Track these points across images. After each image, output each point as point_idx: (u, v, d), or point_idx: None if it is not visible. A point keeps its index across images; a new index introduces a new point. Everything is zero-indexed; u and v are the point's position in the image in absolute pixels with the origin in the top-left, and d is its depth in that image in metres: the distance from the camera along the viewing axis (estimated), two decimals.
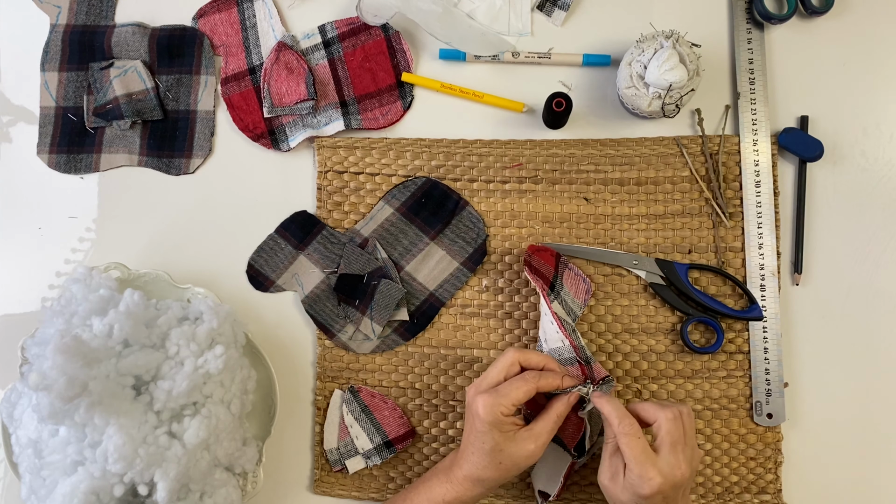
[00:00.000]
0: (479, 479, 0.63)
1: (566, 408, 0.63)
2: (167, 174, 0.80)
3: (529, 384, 0.62)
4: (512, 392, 0.62)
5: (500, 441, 0.61)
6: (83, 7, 0.82)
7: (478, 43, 0.78)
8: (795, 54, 0.78)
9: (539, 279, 0.71)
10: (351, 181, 0.78)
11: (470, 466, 0.63)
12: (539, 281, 0.71)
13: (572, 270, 0.74)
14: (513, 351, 0.65)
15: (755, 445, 0.74)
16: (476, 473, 0.63)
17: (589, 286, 0.74)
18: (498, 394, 0.62)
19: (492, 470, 0.62)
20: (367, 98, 0.79)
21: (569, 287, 0.73)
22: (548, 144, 0.77)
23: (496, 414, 0.61)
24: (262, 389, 0.74)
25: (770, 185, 0.75)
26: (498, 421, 0.61)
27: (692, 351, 0.74)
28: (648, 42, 0.72)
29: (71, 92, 0.81)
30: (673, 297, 0.74)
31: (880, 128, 0.77)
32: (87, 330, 0.65)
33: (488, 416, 0.61)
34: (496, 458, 0.62)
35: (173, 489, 0.62)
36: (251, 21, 0.81)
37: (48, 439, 0.64)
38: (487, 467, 0.62)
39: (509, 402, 0.61)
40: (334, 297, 0.77)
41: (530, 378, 0.63)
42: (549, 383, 0.63)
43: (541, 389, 0.63)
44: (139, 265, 0.77)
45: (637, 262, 0.75)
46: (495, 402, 0.61)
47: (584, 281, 0.74)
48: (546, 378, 0.63)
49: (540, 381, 0.63)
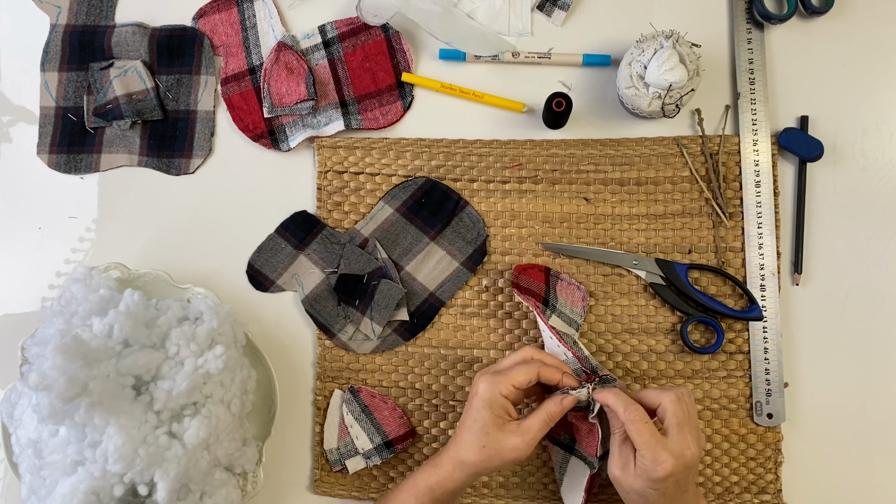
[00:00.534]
0: (461, 461, 0.63)
1: (558, 409, 0.63)
2: (167, 174, 0.80)
3: (531, 369, 0.64)
4: (512, 373, 0.63)
5: (488, 423, 0.62)
6: (83, 7, 0.82)
7: (478, 43, 0.78)
8: (795, 54, 0.78)
9: (530, 298, 0.72)
10: (351, 181, 0.78)
11: (456, 447, 0.64)
12: (531, 300, 0.71)
13: (564, 280, 0.74)
14: (529, 347, 0.67)
15: (755, 445, 0.74)
16: (460, 454, 0.63)
17: (584, 293, 0.74)
18: (499, 374, 0.64)
19: (475, 451, 0.62)
20: (367, 98, 0.79)
21: (564, 298, 0.74)
22: (548, 144, 0.77)
23: (494, 392, 0.62)
24: (262, 389, 0.74)
25: (770, 185, 0.75)
26: (494, 399, 0.62)
27: (692, 351, 0.74)
28: (648, 42, 0.72)
29: (71, 92, 0.81)
30: (673, 297, 0.74)
31: (880, 128, 0.77)
32: (87, 330, 0.65)
33: (485, 393, 0.63)
34: (481, 441, 0.62)
35: (173, 489, 0.62)
36: (251, 21, 0.81)
37: (48, 439, 0.64)
38: (472, 447, 0.62)
39: (508, 383, 0.63)
40: (334, 297, 0.77)
41: (533, 365, 0.64)
42: (550, 374, 0.64)
43: (541, 378, 0.64)
44: (139, 265, 0.77)
45: (637, 262, 0.75)
46: (494, 380, 0.63)
47: (578, 289, 0.74)
48: (548, 368, 0.64)
49: (541, 368, 0.64)
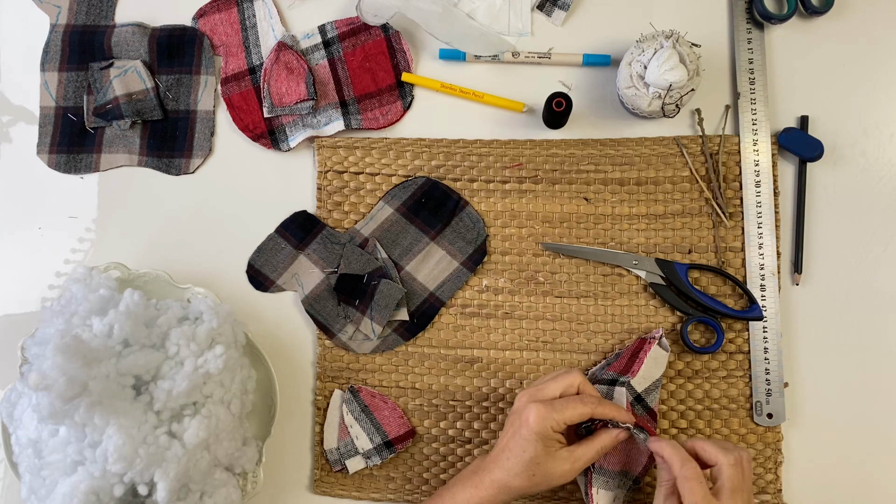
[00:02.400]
0: (506, 486, 0.62)
1: (612, 443, 0.63)
2: (167, 174, 0.80)
3: (587, 407, 0.62)
4: (568, 410, 0.61)
5: (540, 454, 0.61)
6: (83, 7, 0.82)
7: (478, 43, 0.78)
8: (795, 54, 0.78)
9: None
10: (351, 181, 0.78)
11: (501, 472, 0.63)
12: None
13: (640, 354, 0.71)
14: (577, 373, 0.65)
15: (755, 445, 0.74)
16: (506, 479, 0.62)
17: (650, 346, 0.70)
18: (553, 408, 0.61)
19: (523, 479, 0.62)
20: (367, 98, 0.79)
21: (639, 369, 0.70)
22: (548, 144, 0.77)
23: (546, 427, 0.61)
24: (262, 389, 0.74)
25: (770, 185, 0.75)
26: (546, 434, 0.61)
27: (692, 351, 0.74)
28: (648, 42, 0.72)
29: (71, 92, 0.81)
30: (673, 297, 0.74)
31: (880, 128, 0.77)
32: (87, 330, 0.65)
33: (537, 426, 0.61)
34: (531, 470, 0.61)
35: (173, 489, 0.62)
36: (251, 21, 0.81)
37: (48, 439, 0.63)
38: (520, 475, 0.62)
39: (562, 419, 0.61)
40: (334, 297, 0.77)
41: (588, 402, 0.62)
42: (607, 412, 0.62)
43: (596, 416, 0.62)
44: (139, 265, 0.77)
45: (637, 262, 0.75)
46: (548, 416, 0.61)
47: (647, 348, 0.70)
48: (605, 406, 0.63)
49: (598, 407, 0.62)
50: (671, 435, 0.74)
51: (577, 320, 0.75)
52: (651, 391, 0.70)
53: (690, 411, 0.74)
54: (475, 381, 0.76)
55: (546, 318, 0.76)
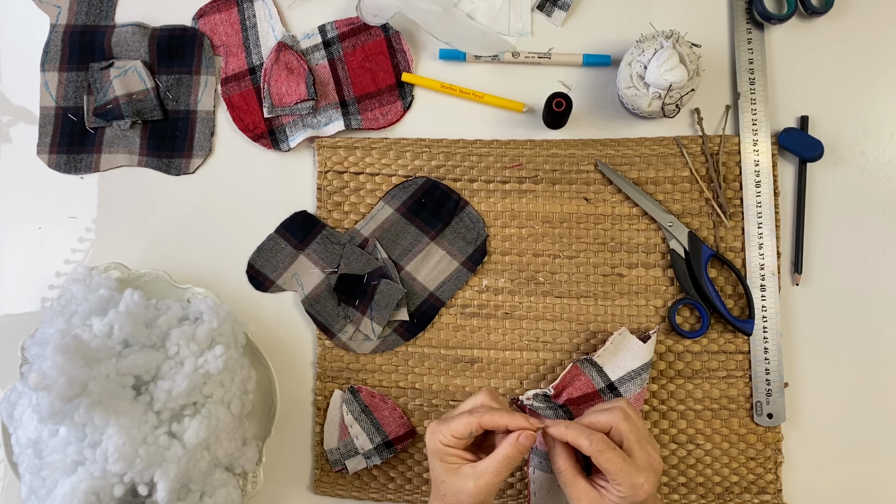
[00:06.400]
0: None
1: (515, 451, 0.58)
2: (167, 174, 0.80)
3: (472, 418, 0.59)
4: (454, 422, 0.60)
5: (441, 472, 0.60)
6: (83, 7, 0.82)
7: (478, 43, 0.78)
8: (795, 54, 0.78)
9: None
10: (351, 181, 0.78)
11: (430, 498, 0.63)
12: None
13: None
14: (484, 392, 0.63)
15: (755, 445, 0.74)
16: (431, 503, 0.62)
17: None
18: (440, 423, 0.61)
19: (438, 501, 0.61)
20: (367, 98, 0.79)
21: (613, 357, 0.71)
22: (548, 144, 0.77)
23: (435, 442, 0.60)
24: (262, 389, 0.74)
25: (770, 185, 0.75)
26: (437, 450, 0.60)
27: (677, 333, 0.74)
28: (648, 42, 0.72)
29: (71, 92, 0.81)
30: (683, 271, 0.73)
31: (880, 128, 0.77)
32: (87, 330, 0.65)
33: (429, 444, 0.61)
34: (440, 490, 0.61)
35: (173, 489, 0.62)
36: (251, 21, 0.81)
37: (48, 439, 0.64)
38: (435, 498, 0.61)
39: (448, 433, 0.59)
40: (334, 297, 0.77)
41: (476, 412, 0.60)
42: (493, 421, 0.59)
43: (484, 426, 0.59)
44: (139, 265, 0.77)
45: (672, 225, 0.74)
46: (436, 430, 0.60)
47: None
48: (491, 415, 0.59)
49: (483, 416, 0.59)
50: (671, 435, 0.74)
51: (577, 320, 0.75)
52: (626, 381, 0.70)
53: (690, 411, 0.74)
54: (475, 381, 0.76)
55: (546, 318, 0.76)
